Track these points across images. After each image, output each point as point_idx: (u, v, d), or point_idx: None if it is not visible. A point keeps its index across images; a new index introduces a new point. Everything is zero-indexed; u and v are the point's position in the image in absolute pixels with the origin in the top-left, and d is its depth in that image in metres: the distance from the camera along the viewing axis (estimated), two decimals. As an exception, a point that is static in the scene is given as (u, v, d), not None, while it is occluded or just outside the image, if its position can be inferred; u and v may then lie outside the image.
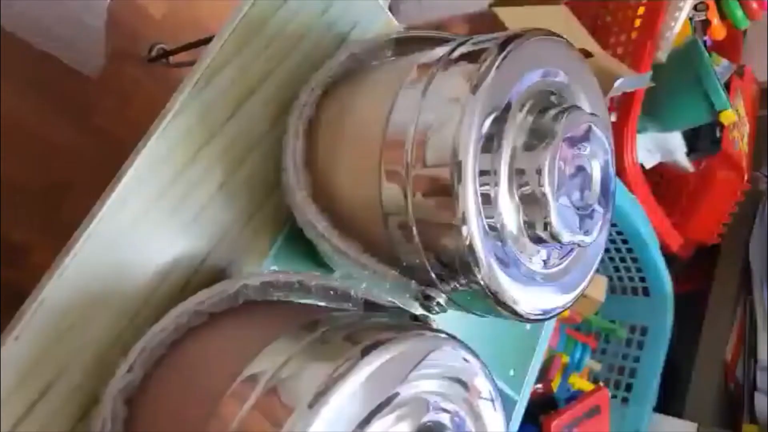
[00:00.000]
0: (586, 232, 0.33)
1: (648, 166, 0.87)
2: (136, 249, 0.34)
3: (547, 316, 0.35)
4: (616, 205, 0.78)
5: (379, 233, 0.34)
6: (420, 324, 0.31)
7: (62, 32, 0.61)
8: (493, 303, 0.33)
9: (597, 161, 0.34)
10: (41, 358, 0.31)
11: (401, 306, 0.34)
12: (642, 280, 0.89)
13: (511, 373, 0.57)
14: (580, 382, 0.78)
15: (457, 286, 0.33)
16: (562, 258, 0.35)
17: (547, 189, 0.31)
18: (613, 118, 0.81)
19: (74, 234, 0.32)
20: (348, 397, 0.25)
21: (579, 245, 0.34)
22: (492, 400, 0.32)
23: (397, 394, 0.26)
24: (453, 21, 0.86)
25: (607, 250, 0.90)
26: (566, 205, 0.32)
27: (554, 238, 0.32)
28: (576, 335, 0.85)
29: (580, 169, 0.33)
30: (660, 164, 0.89)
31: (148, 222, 0.34)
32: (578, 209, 0.33)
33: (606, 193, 0.35)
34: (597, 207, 0.34)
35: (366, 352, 0.26)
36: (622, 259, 0.88)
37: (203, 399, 0.27)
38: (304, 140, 0.37)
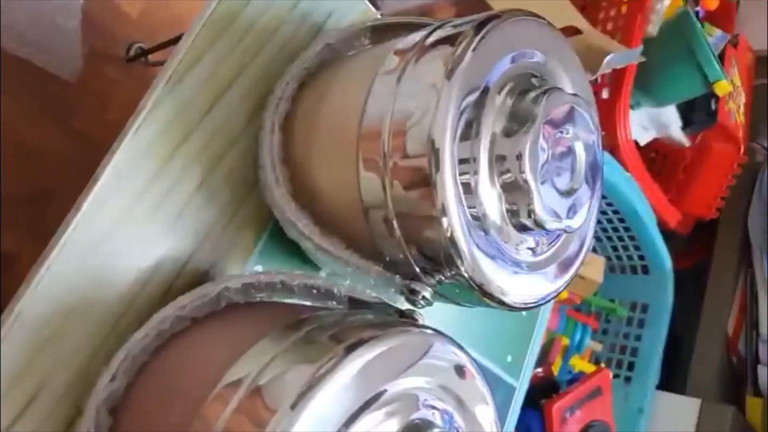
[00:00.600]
0: (573, 218, 0.32)
1: (642, 142, 0.86)
2: (116, 254, 0.33)
3: (537, 304, 0.34)
4: (612, 184, 0.77)
5: (361, 228, 0.33)
6: (406, 320, 0.31)
7: (36, 36, 0.60)
8: (480, 294, 0.32)
9: (581, 143, 0.33)
10: (22, 372, 0.30)
11: (386, 302, 0.34)
12: (641, 258, 0.88)
13: (509, 359, 0.57)
14: (581, 363, 0.78)
15: (442, 278, 0.32)
16: (550, 244, 0.35)
17: (528, 175, 0.30)
18: (605, 95, 0.80)
19: (49, 243, 0.32)
20: (332, 396, 0.24)
21: (566, 231, 0.33)
22: (482, 394, 0.31)
23: (384, 392, 0.26)
24: (439, 6, 0.85)
25: (604, 230, 0.89)
26: (550, 191, 0.31)
27: (539, 225, 0.31)
28: (576, 316, 0.84)
29: (564, 152, 0.32)
30: (655, 140, 0.88)
31: (126, 225, 0.34)
32: (563, 194, 0.32)
33: (594, 176, 0.34)
34: (583, 190, 0.33)
35: (350, 350, 0.25)
36: (620, 238, 0.88)
37: (187, 404, 0.27)
38: (280, 135, 0.36)
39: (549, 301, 0.35)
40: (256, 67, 0.38)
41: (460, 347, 0.30)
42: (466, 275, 0.31)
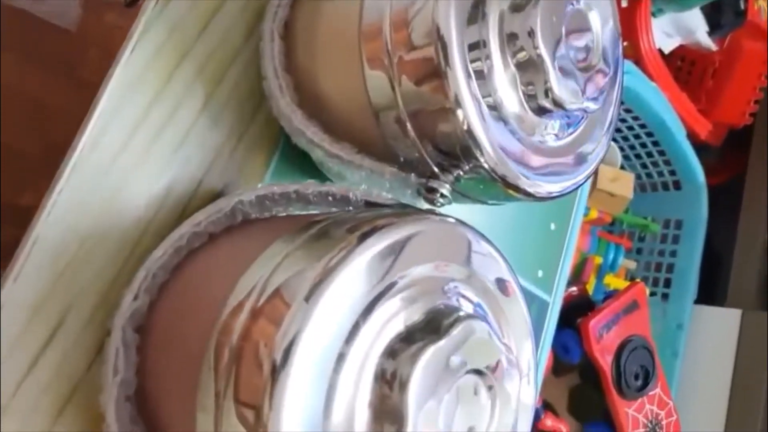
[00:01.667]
0: (592, 96, 0.31)
1: (667, 50, 0.82)
2: (125, 180, 0.33)
3: (563, 193, 0.33)
4: (637, 96, 0.74)
5: (372, 131, 0.32)
6: (425, 210, 0.30)
7: (30, -15, 0.59)
8: (503, 186, 0.31)
9: (597, 15, 0.31)
10: (45, 299, 0.30)
11: (404, 203, 0.33)
12: (672, 173, 0.85)
13: (540, 274, 0.56)
14: (616, 281, 0.76)
15: (461, 174, 0.31)
16: (571, 129, 0.33)
17: (542, 50, 0.28)
18: (625, 4, 0.76)
19: (57, 171, 0.31)
20: (347, 285, 0.23)
21: (586, 111, 0.31)
22: (514, 291, 0.30)
23: (403, 278, 0.25)
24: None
25: (632, 147, 0.86)
26: (567, 67, 0.30)
27: (557, 104, 0.29)
28: (608, 237, 0.82)
29: (579, 27, 0.30)
30: (681, 47, 0.84)
31: (130, 152, 0.33)
32: (581, 71, 0.30)
33: (613, 52, 0.32)
34: (602, 67, 0.31)
35: (363, 238, 0.24)
36: (649, 154, 0.85)
37: (206, 315, 0.27)
38: (281, 43, 0.34)
39: (575, 189, 0.33)
40: (251, -23, 0.37)
41: (487, 239, 0.29)
42: (486, 167, 0.30)
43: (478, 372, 0.25)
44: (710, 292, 0.85)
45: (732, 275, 0.83)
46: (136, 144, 0.33)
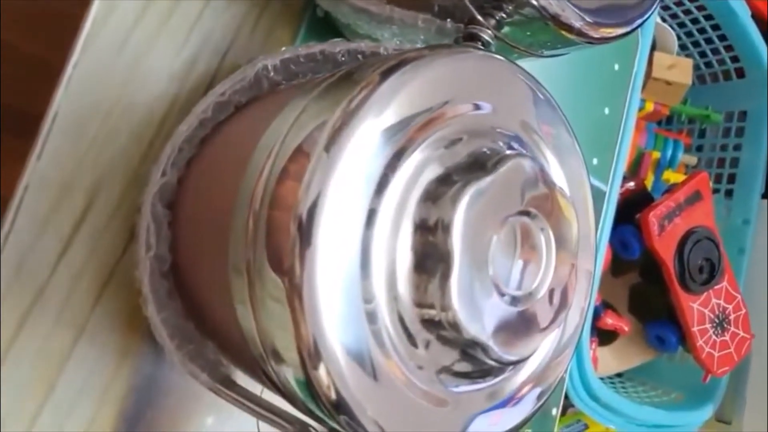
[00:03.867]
0: None
1: None
2: (142, 55, 0.31)
3: (623, 33, 0.29)
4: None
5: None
6: (469, 44, 0.26)
7: None
8: (555, 28, 0.28)
9: None
10: (73, 177, 0.29)
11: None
12: (734, 59, 0.78)
13: (595, 162, 0.52)
14: (675, 177, 0.71)
15: (505, 17, 0.28)
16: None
17: None
18: None
19: (72, 47, 0.30)
20: (372, 129, 0.21)
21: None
22: (568, 137, 0.27)
23: (438, 119, 0.22)
24: None
25: (689, 34, 0.79)
26: None
27: None
28: (665, 133, 0.77)
29: None
30: None
31: (144, 27, 0.31)
32: None
33: None
34: None
35: (387, 74, 0.21)
36: (708, 40, 0.78)
37: (230, 183, 0.25)
38: None
39: (636, 29, 0.29)
40: None
41: (537, 81, 0.26)
42: (536, 4, 0.26)
43: (528, 214, 0.23)
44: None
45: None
46: (150, 19, 0.31)
